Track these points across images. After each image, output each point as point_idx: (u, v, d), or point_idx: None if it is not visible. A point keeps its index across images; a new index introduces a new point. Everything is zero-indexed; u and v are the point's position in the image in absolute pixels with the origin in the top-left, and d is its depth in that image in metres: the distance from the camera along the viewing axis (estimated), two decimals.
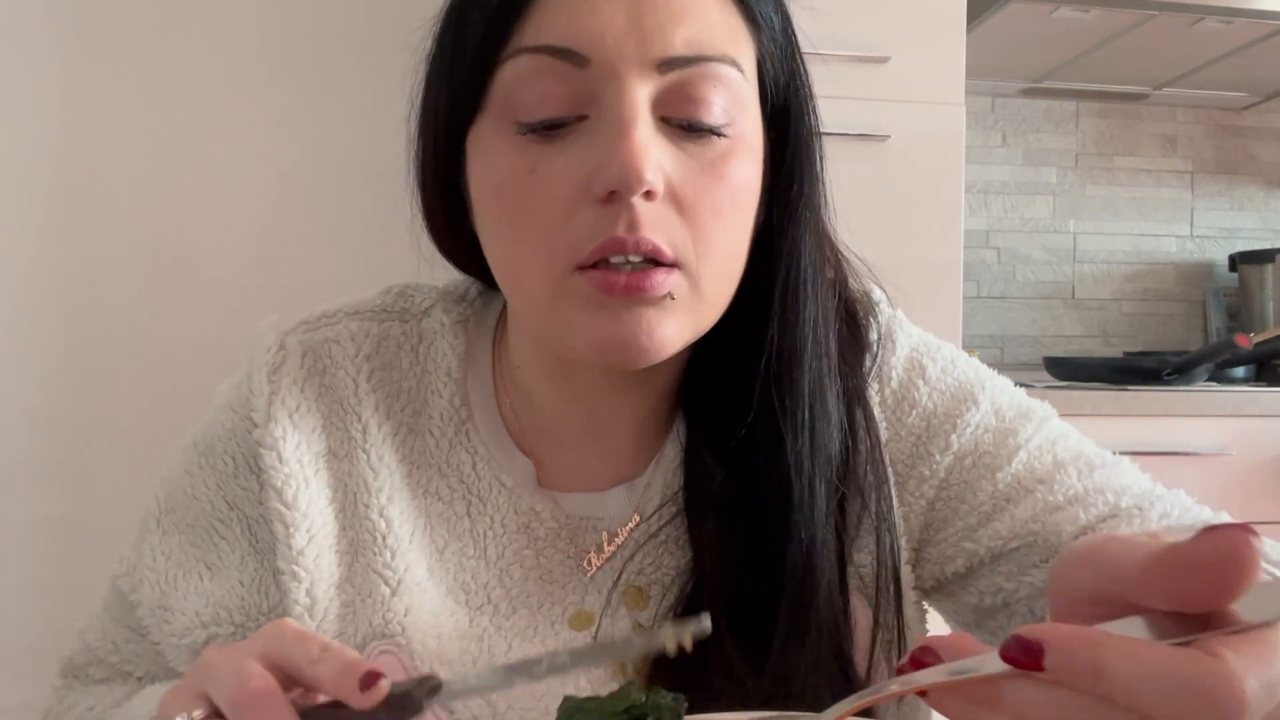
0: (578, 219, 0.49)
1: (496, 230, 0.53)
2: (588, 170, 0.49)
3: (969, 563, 0.58)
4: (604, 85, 0.49)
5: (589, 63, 0.48)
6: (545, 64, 0.49)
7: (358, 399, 0.59)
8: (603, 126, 0.49)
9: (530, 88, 0.49)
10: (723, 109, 0.50)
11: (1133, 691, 0.27)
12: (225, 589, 0.58)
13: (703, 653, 0.53)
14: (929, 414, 0.61)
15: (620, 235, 0.48)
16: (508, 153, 0.50)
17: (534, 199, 0.50)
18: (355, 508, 0.57)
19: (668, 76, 0.49)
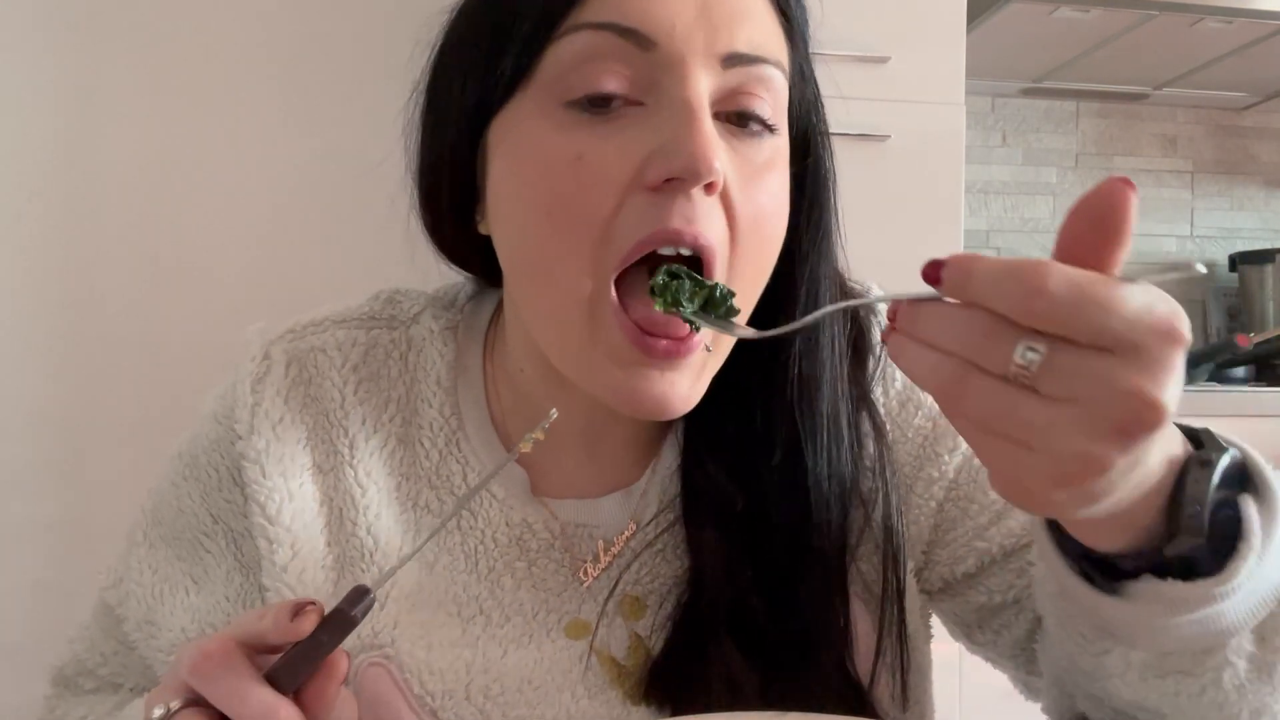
0: (627, 210, 0.47)
1: (530, 222, 0.49)
2: (642, 157, 0.47)
3: (980, 561, 0.58)
4: (667, 72, 0.47)
5: (655, 47, 0.47)
6: (607, 42, 0.47)
7: (344, 411, 0.57)
8: (663, 113, 0.47)
9: (588, 64, 0.47)
10: (772, 109, 0.50)
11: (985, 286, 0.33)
12: (210, 604, 0.57)
13: (702, 659, 0.53)
14: (935, 414, 0.61)
15: (677, 226, 0.46)
16: (551, 135, 0.48)
17: (579, 187, 0.47)
18: (342, 524, 0.56)
19: (728, 73, 0.48)
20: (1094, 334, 0.32)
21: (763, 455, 0.56)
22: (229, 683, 0.39)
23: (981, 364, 0.34)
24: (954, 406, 0.35)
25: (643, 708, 0.54)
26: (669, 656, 0.54)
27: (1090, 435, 0.33)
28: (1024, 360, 0.33)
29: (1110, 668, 0.46)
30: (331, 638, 0.40)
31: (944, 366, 0.35)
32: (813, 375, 0.56)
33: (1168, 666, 0.45)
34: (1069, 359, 0.32)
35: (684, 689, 0.53)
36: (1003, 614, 0.59)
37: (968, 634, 0.62)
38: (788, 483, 0.55)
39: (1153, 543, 0.41)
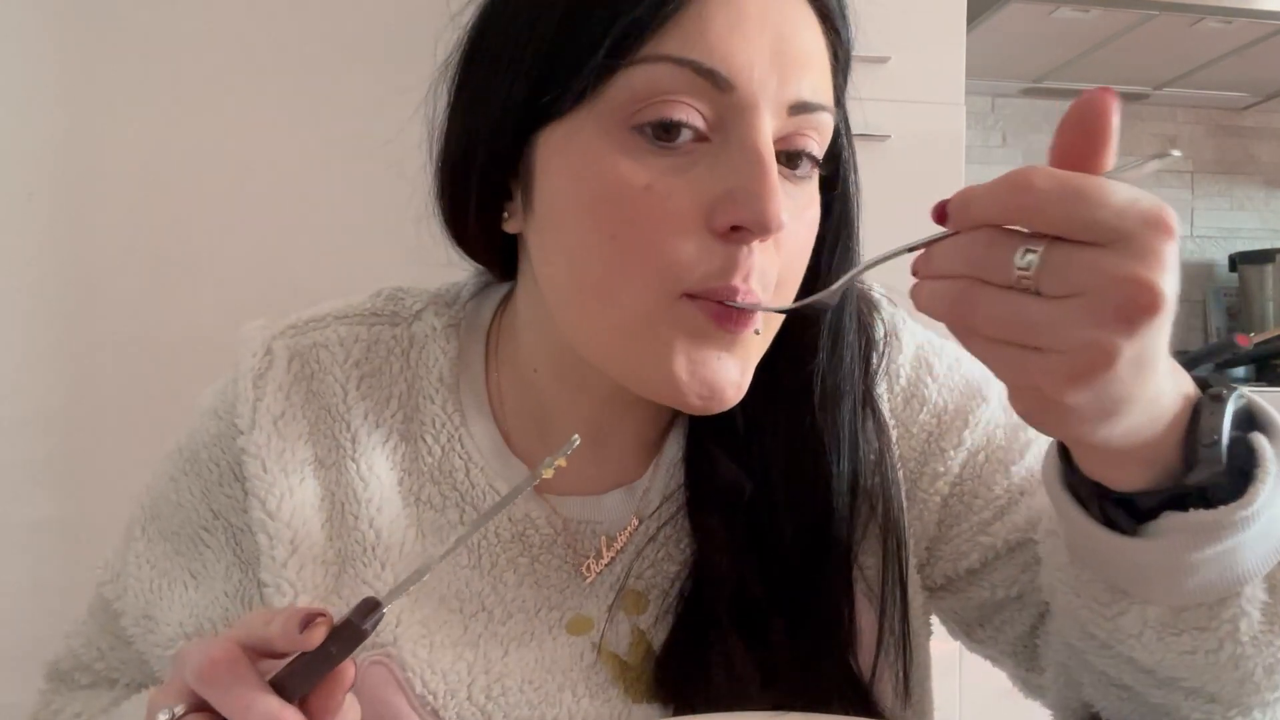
0: (692, 246, 0.47)
1: (593, 240, 0.49)
2: (712, 198, 0.47)
3: (984, 557, 0.58)
4: (739, 115, 0.47)
5: (733, 90, 0.47)
6: (685, 78, 0.47)
7: (346, 406, 0.57)
8: (733, 157, 0.47)
9: (663, 99, 0.47)
10: (818, 151, 0.52)
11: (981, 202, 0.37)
12: (209, 599, 0.57)
13: (704, 651, 0.53)
14: (939, 411, 0.61)
15: (737, 284, 0.47)
16: (618, 160, 0.47)
17: (649, 216, 0.47)
18: (344, 518, 0.56)
19: (791, 119, 0.49)
20: (1085, 227, 0.35)
21: (777, 456, 0.56)
22: (236, 691, 0.39)
23: (986, 278, 0.37)
24: (966, 323, 0.38)
25: (644, 705, 0.54)
26: (671, 650, 0.54)
27: (1095, 324, 0.35)
28: (1024, 263, 0.36)
29: (1126, 628, 0.47)
30: (340, 650, 0.40)
31: (953, 289, 0.38)
32: (837, 387, 0.57)
33: (1184, 623, 0.45)
34: (1065, 255, 0.35)
35: (685, 682, 0.53)
36: (1005, 610, 0.59)
37: (968, 631, 0.63)
38: (803, 485, 0.56)
39: (1172, 479, 0.42)
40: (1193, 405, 0.42)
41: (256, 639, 0.40)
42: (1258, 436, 0.43)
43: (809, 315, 0.56)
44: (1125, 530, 0.44)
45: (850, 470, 0.56)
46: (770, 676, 0.52)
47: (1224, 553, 0.42)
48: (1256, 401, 0.45)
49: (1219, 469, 0.41)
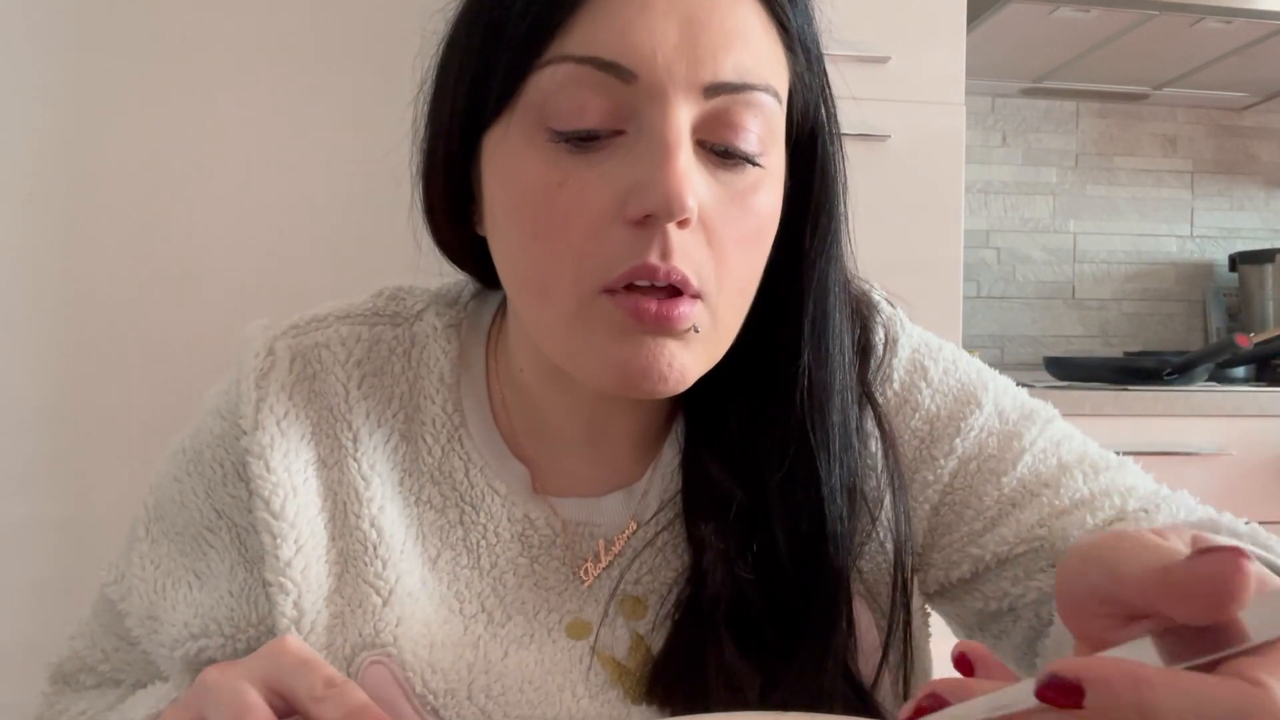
0: (608, 239, 0.47)
1: (518, 240, 0.50)
2: (623, 189, 0.47)
3: (974, 568, 0.58)
4: (648, 104, 0.47)
5: (636, 79, 0.47)
6: (588, 75, 0.47)
7: (348, 405, 0.58)
8: (642, 146, 0.47)
9: (569, 97, 0.47)
10: (758, 138, 0.49)
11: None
12: (214, 599, 0.57)
13: (701, 657, 0.53)
14: (931, 417, 0.60)
15: (653, 262, 0.47)
16: (537, 161, 0.48)
17: (564, 213, 0.48)
18: (346, 517, 0.56)
19: (712, 102, 0.48)
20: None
21: (767, 458, 0.55)
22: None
23: None
24: None
25: (643, 707, 0.54)
26: (668, 655, 0.54)
27: None
28: None
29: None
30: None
31: None
32: (824, 384, 0.55)
33: None
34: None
35: (683, 687, 0.53)
36: (1000, 620, 0.59)
37: (969, 635, 0.62)
38: (795, 488, 0.55)
39: None
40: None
41: (289, 691, 0.38)
42: None
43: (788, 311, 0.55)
44: None
45: (844, 472, 0.56)
46: (769, 683, 0.52)
47: None
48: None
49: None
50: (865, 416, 0.59)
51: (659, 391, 0.50)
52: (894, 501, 0.57)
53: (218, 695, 0.38)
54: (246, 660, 0.40)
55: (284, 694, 0.38)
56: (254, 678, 0.39)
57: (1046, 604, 0.56)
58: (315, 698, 0.38)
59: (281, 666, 0.39)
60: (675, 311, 0.48)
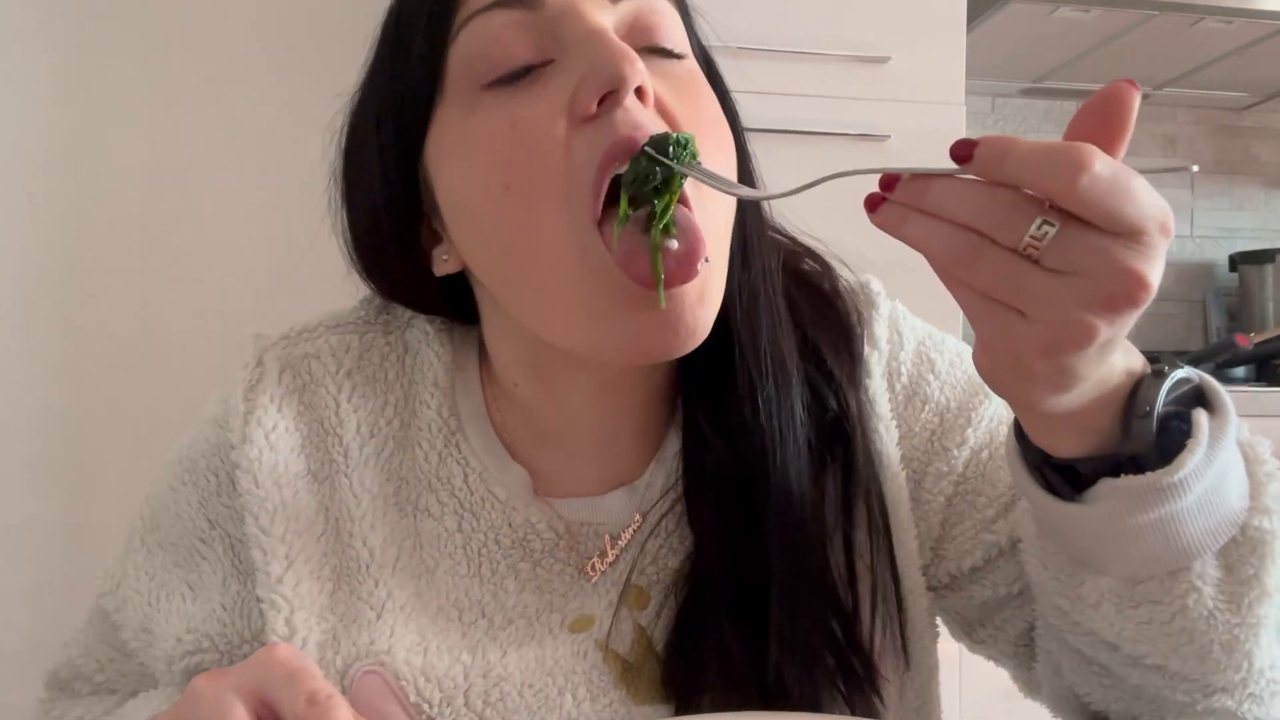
0: (575, 152, 0.47)
1: (489, 203, 0.49)
2: (569, 95, 0.48)
3: (987, 554, 0.58)
4: (562, 22, 0.49)
5: (542, 4, 0.49)
6: (499, 18, 0.49)
7: (338, 419, 0.57)
8: (572, 55, 0.48)
9: (491, 45, 0.49)
10: (679, 41, 0.52)
11: (1022, 165, 0.36)
12: (206, 612, 0.56)
13: (701, 639, 0.53)
14: (942, 409, 0.60)
15: (626, 134, 0.46)
16: (482, 118, 0.49)
17: (524, 151, 0.48)
18: (338, 535, 0.55)
19: (619, 6, 0.50)
20: (1112, 218, 0.36)
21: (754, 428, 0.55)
22: None
23: (995, 236, 0.37)
24: (962, 275, 0.38)
25: (646, 707, 0.53)
26: (670, 641, 0.54)
27: (1085, 305, 0.37)
28: (1039, 234, 0.36)
29: (1086, 598, 0.48)
30: None
31: (957, 238, 0.38)
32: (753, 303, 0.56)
33: (1139, 595, 0.46)
34: (1078, 235, 0.36)
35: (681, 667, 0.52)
36: (1006, 608, 0.59)
37: (969, 632, 0.62)
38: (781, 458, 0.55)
39: (1110, 449, 0.44)
40: (1135, 380, 0.44)
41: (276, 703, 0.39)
42: (1199, 412, 0.44)
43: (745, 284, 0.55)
44: (1067, 498, 0.46)
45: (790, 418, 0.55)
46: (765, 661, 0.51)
47: (1162, 521, 0.43)
48: (1210, 382, 0.46)
49: (1149, 439, 0.43)
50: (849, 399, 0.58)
51: (684, 348, 0.49)
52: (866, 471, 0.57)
53: (205, 706, 0.38)
54: (236, 669, 0.40)
55: (271, 705, 0.39)
56: (242, 689, 0.39)
57: None
58: (298, 715, 0.38)
59: (269, 677, 0.39)
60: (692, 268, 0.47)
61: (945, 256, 0.38)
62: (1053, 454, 0.45)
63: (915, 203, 0.39)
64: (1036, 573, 0.52)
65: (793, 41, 1.51)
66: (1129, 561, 0.46)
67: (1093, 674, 0.53)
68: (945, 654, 0.60)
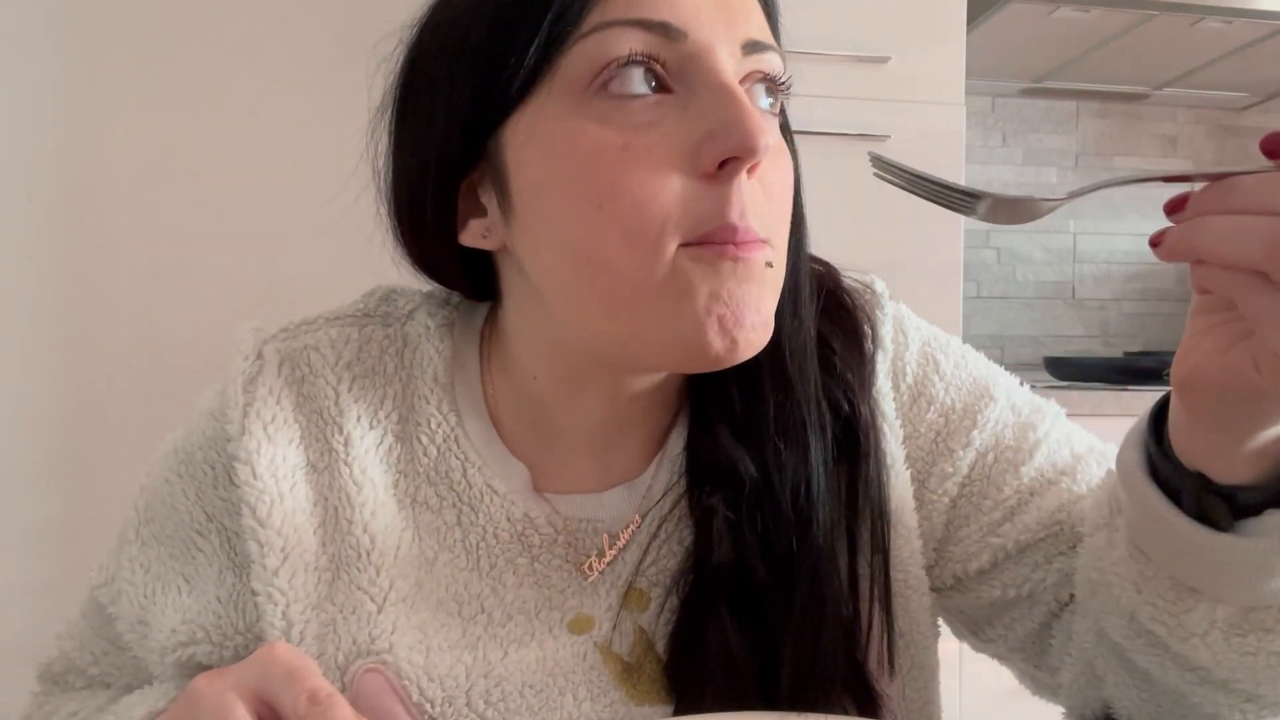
0: (681, 196, 0.47)
1: (578, 213, 0.48)
2: (693, 142, 0.47)
3: (994, 558, 0.58)
4: (697, 61, 0.48)
5: (685, 37, 0.48)
6: (637, 36, 0.47)
7: (339, 409, 0.57)
8: (702, 99, 0.48)
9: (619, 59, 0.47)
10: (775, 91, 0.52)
11: None
12: (201, 605, 0.56)
13: (701, 638, 0.53)
14: (947, 410, 0.60)
15: (734, 222, 0.47)
16: (591, 128, 0.48)
17: (631, 175, 0.47)
18: (337, 523, 0.55)
19: (747, 60, 0.50)
20: None
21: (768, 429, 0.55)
22: None
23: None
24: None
25: (646, 707, 0.53)
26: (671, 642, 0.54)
27: None
28: None
29: (1192, 626, 0.47)
30: None
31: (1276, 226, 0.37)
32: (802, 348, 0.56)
33: (1251, 623, 0.45)
34: None
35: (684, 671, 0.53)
36: (1015, 609, 0.59)
37: (975, 631, 0.62)
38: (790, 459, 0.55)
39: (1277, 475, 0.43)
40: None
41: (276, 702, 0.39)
42: None
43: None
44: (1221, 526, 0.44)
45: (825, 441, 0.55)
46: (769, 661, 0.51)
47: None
48: None
49: None
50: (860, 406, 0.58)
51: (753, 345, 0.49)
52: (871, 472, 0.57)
53: (206, 706, 0.39)
54: (236, 668, 0.40)
55: (271, 704, 0.39)
56: (242, 688, 0.39)
57: (1066, 585, 0.57)
58: (299, 714, 0.38)
59: (269, 676, 0.39)
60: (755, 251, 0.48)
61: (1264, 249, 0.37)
62: (1217, 479, 0.44)
63: (1221, 206, 0.38)
64: (1123, 596, 0.50)
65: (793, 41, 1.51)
66: (1256, 594, 0.45)
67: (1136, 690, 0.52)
68: (945, 654, 0.60)
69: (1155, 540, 0.47)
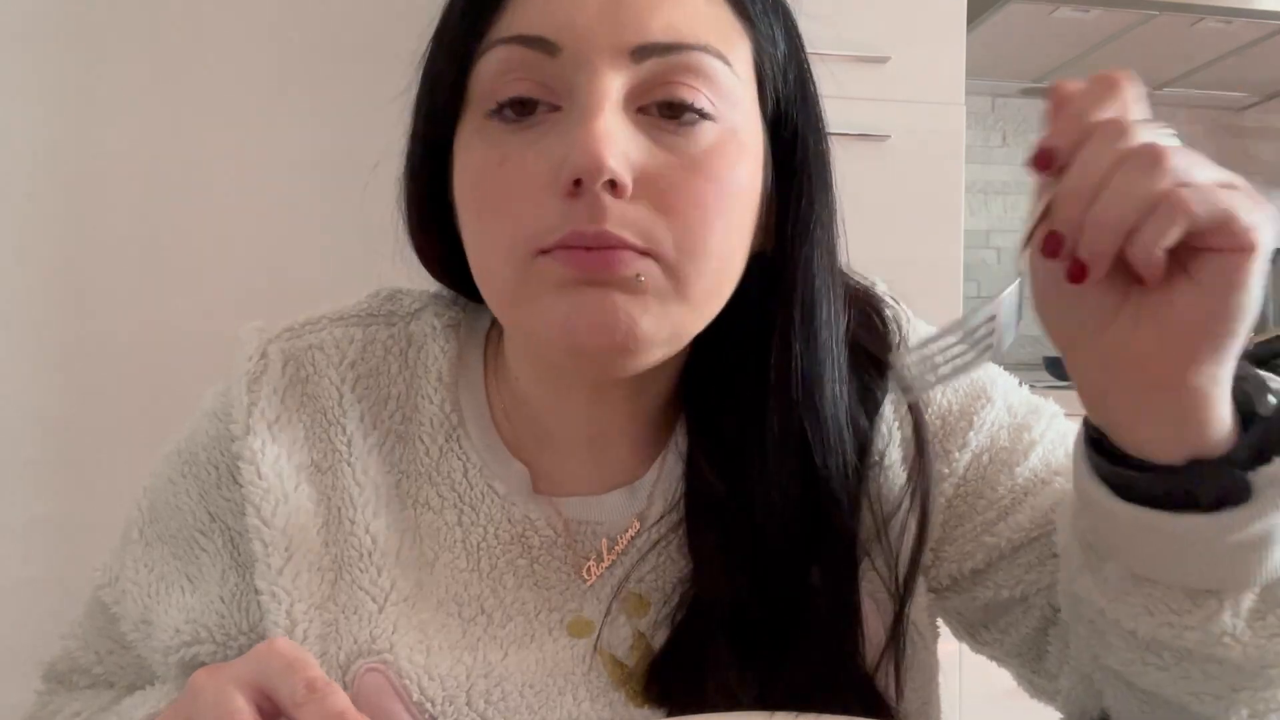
0: (545, 210, 0.47)
1: (470, 224, 0.52)
2: (556, 160, 0.47)
3: (988, 557, 0.58)
4: (575, 75, 0.47)
5: (560, 51, 0.47)
6: (518, 54, 0.48)
7: (342, 409, 0.57)
8: (572, 116, 0.48)
9: (504, 79, 0.48)
10: (707, 99, 0.48)
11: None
12: (204, 604, 0.56)
13: (700, 662, 0.53)
14: (944, 412, 0.60)
15: (581, 228, 0.46)
16: (482, 144, 0.50)
17: (503, 188, 0.49)
18: (340, 523, 0.55)
19: (644, 65, 0.48)
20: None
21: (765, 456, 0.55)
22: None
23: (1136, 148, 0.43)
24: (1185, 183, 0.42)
25: (645, 710, 0.53)
26: (668, 654, 0.54)
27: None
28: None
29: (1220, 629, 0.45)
30: None
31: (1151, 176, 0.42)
32: (816, 376, 0.55)
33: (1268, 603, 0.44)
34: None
35: (681, 687, 0.53)
36: (1010, 611, 0.59)
37: (972, 633, 0.62)
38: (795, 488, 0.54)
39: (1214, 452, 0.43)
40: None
41: (274, 694, 0.39)
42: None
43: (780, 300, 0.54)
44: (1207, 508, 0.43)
45: (841, 465, 0.55)
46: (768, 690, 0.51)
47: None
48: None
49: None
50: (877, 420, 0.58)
51: (612, 346, 0.48)
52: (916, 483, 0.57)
53: (205, 700, 0.39)
54: (236, 663, 0.40)
55: (270, 696, 0.39)
56: (242, 681, 0.39)
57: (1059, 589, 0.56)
58: (296, 703, 0.38)
59: (268, 668, 0.39)
60: (614, 257, 0.47)
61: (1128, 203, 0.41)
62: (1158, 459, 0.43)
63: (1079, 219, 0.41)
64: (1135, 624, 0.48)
65: None
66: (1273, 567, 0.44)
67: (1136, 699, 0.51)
68: (945, 654, 0.60)
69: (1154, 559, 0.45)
